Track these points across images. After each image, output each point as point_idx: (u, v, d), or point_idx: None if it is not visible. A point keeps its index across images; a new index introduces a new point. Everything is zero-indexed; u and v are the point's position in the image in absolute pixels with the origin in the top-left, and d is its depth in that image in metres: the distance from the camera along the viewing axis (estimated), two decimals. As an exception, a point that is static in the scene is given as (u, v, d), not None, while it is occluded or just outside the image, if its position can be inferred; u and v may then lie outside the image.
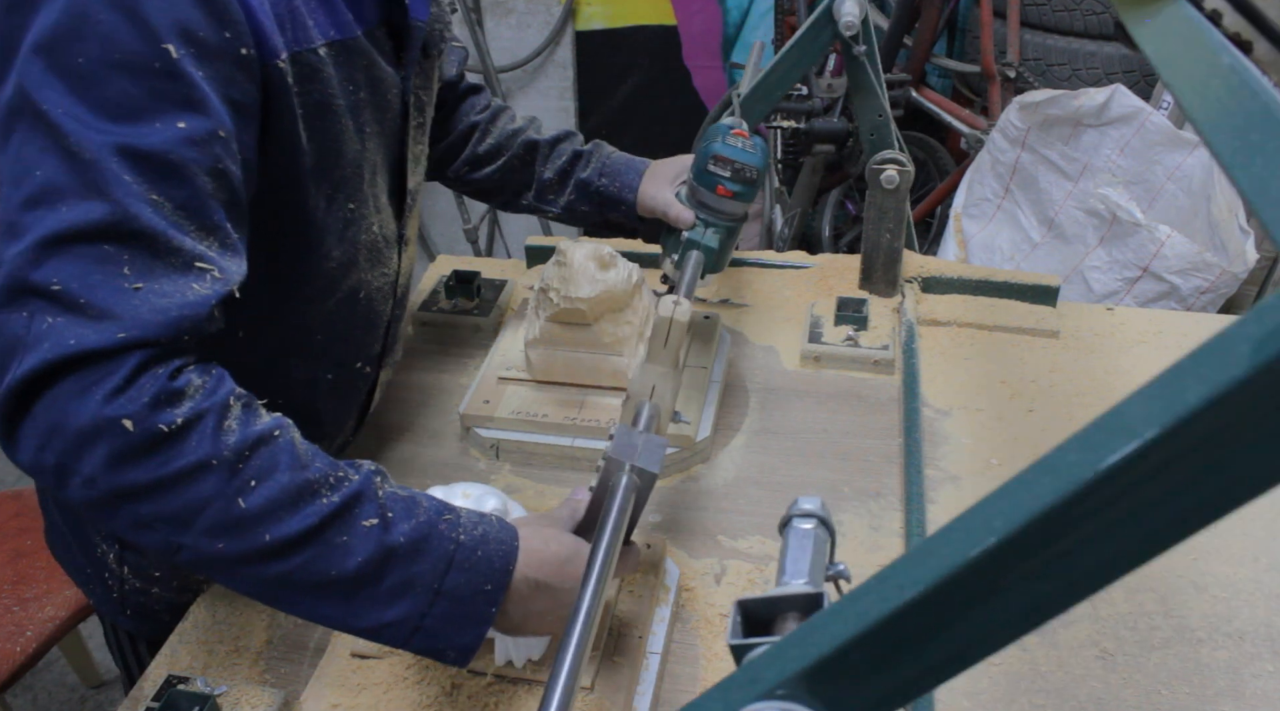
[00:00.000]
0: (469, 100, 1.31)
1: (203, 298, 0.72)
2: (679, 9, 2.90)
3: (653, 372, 0.96)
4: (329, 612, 0.75)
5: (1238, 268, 1.95)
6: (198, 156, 0.72)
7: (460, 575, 0.77)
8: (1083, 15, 2.35)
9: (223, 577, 0.75)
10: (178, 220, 0.71)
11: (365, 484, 0.77)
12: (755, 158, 1.14)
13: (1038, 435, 1.20)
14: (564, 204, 1.31)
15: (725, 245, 1.19)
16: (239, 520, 0.71)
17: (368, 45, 0.91)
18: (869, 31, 1.25)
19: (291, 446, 0.75)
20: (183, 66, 0.71)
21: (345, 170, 0.91)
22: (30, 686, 2.15)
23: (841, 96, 2.57)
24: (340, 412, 1.09)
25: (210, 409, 0.71)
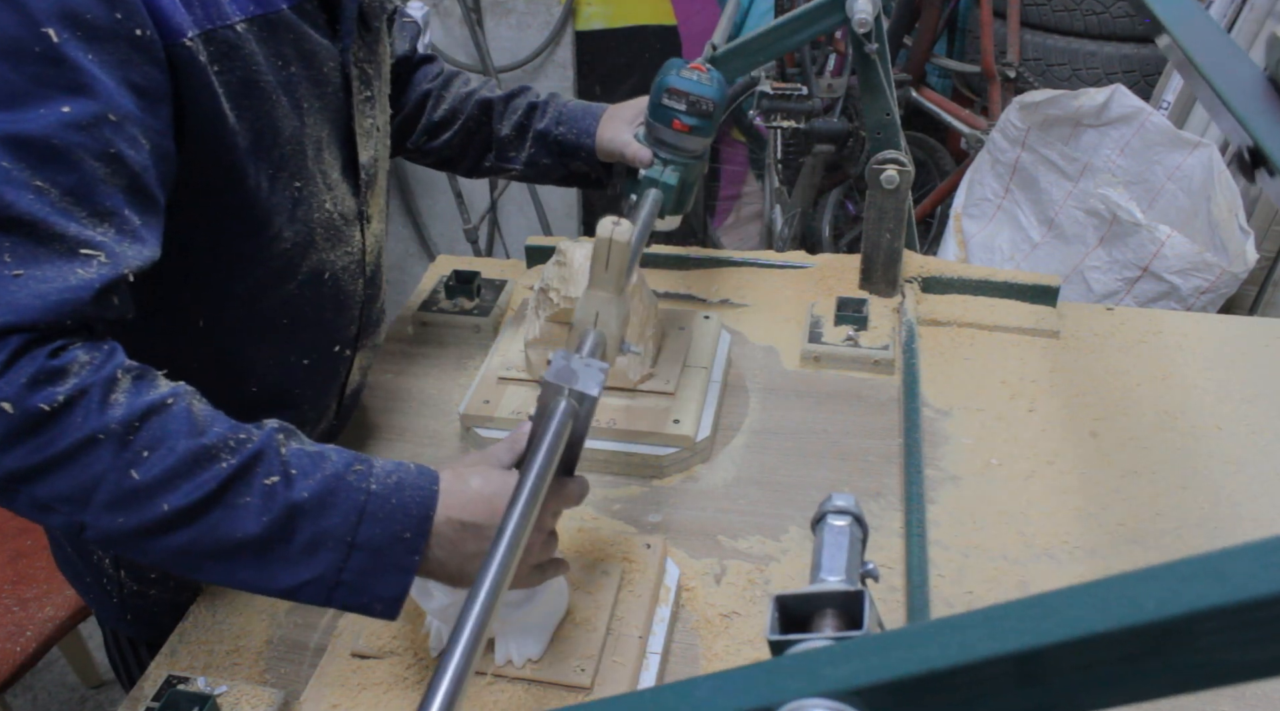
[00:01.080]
0: (421, 70, 1.29)
1: (86, 282, 0.70)
2: (679, 9, 2.89)
3: (595, 299, 0.91)
4: (245, 576, 0.74)
5: (1238, 268, 1.95)
6: (84, 140, 0.71)
7: (374, 525, 0.75)
8: (1083, 15, 2.35)
9: (132, 552, 0.74)
10: (65, 206, 0.70)
11: (266, 442, 0.75)
12: (711, 89, 1.11)
13: (1038, 435, 1.20)
14: (525, 158, 1.28)
15: (685, 182, 1.15)
16: (134, 492, 0.70)
17: (294, 19, 0.88)
18: (881, 30, 1.24)
19: (188, 413, 0.73)
20: (65, 50, 0.70)
21: (284, 148, 0.89)
22: (30, 686, 2.15)
23: (841, 96, 2.56)
24: (319, 397, 1.07)
25: (95, 383, 0.70)
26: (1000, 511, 1.10)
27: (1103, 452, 1.17)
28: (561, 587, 0.92)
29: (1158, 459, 1.16)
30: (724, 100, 1.13)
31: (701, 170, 1.18)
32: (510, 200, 3.14)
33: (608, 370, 0.81)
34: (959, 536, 1.07)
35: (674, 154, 1.14)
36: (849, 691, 0.39)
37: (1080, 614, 0.35)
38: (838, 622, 0.50)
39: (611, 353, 0.92)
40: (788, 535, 1.08)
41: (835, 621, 0.51)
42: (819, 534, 0.60)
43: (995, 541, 1.06)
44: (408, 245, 3.26)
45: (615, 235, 0.89)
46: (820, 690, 0.40)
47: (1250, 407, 1.23)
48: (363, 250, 1.05)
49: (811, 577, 0.57)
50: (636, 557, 0.99)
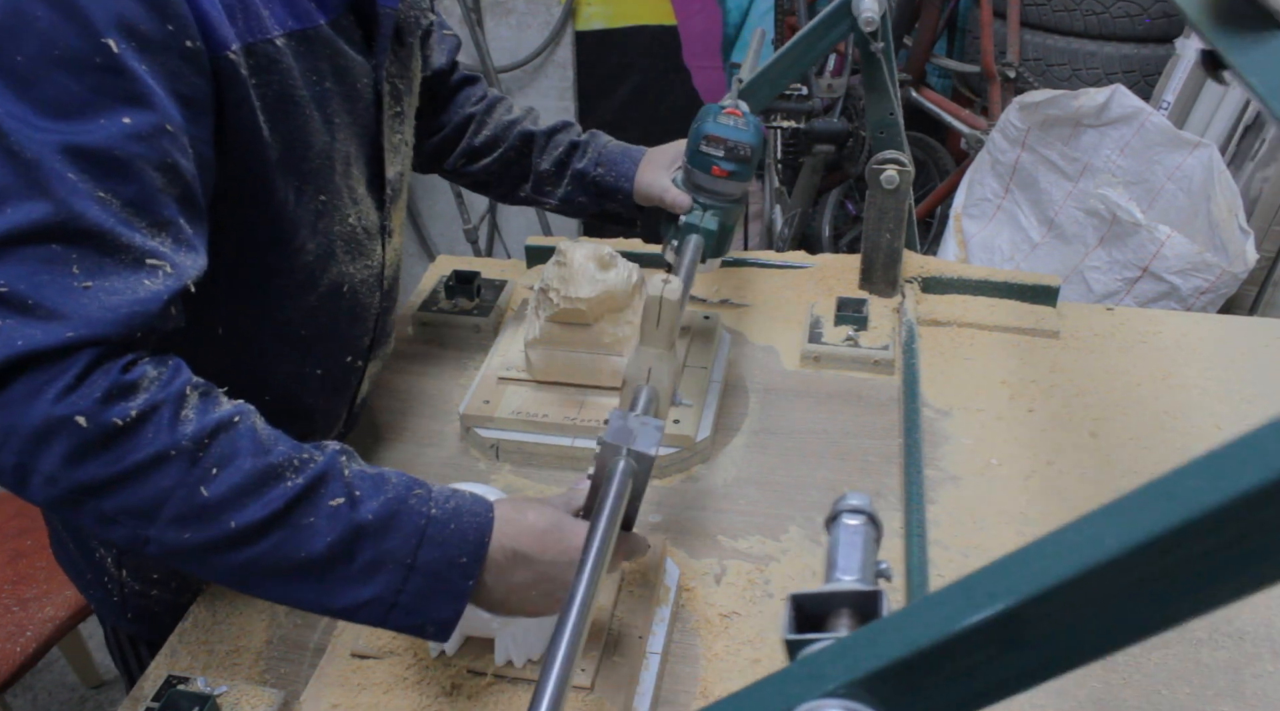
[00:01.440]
0: (464, 91, 1.30)
1: (154, 294, 0.71)
2: (679, 9, 2.89)
3: (647, 355, 0.94)
4: (304, 595, 0.75)
5: (1238, 268, 1.95)
6: (144, 151, 0.71)
7: (433, 549, 0.76)
8: (1083, 15, 2.35)
9: (193, 567, 0.74)
10: (127, 217, 0.71)
11: (330, 464, 0.76)
12: (748, 135, 1.12)
13: (1038, 435, 1.20)
14: (561, 195, 1.30)
15: (725, 226, 1.16)
16: (202, 509, 0.71)
17: (331, 34, 0.89)
18: (887, 29, 1.24)
19: (253, 432, 0.74)
20: (124, 61, 0.70)
21: (313, 162, 0.90)
22: (30, 686, 2.15)
23: (841, 97, 2.57)
24: (331, 407, 1.08)
25: (166, 400, 0.71)
26: (1000, 511, 1.10)
27: (1103, 452, 1.17)
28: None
29: (1158, 459, 1.16)
30: (760, 145, 1.14)
31: (740, 213, 1.19)
32: (510, 200, 3.14)
33: (663, 428, 0.84)
34: (959, 536, 1.07)
35: (713, 199, 1.16)
36: (851, 685, 0.40)
37: (1045, 564, 0.35)
38: (853, 622, 0.50)
39: (664, 408, 0.94)
40: (788, 535, 1.08)
41: (851, 620, 0.50)
42: (833, 532, 0.60)
43: (995, 541, 1.06)
44: (408, 245, 3.26)
45: (666, 293, 0.92)
46: (825, 690, 0.40)
47: (1250, 407, 1.23)
48: (383, 263, 1.05)
49: (826, 576, 0.57)
50: (639, 556, 0.99)
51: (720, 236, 1.16)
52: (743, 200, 1.18)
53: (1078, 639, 0.37)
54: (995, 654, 0.38)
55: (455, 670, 0.90)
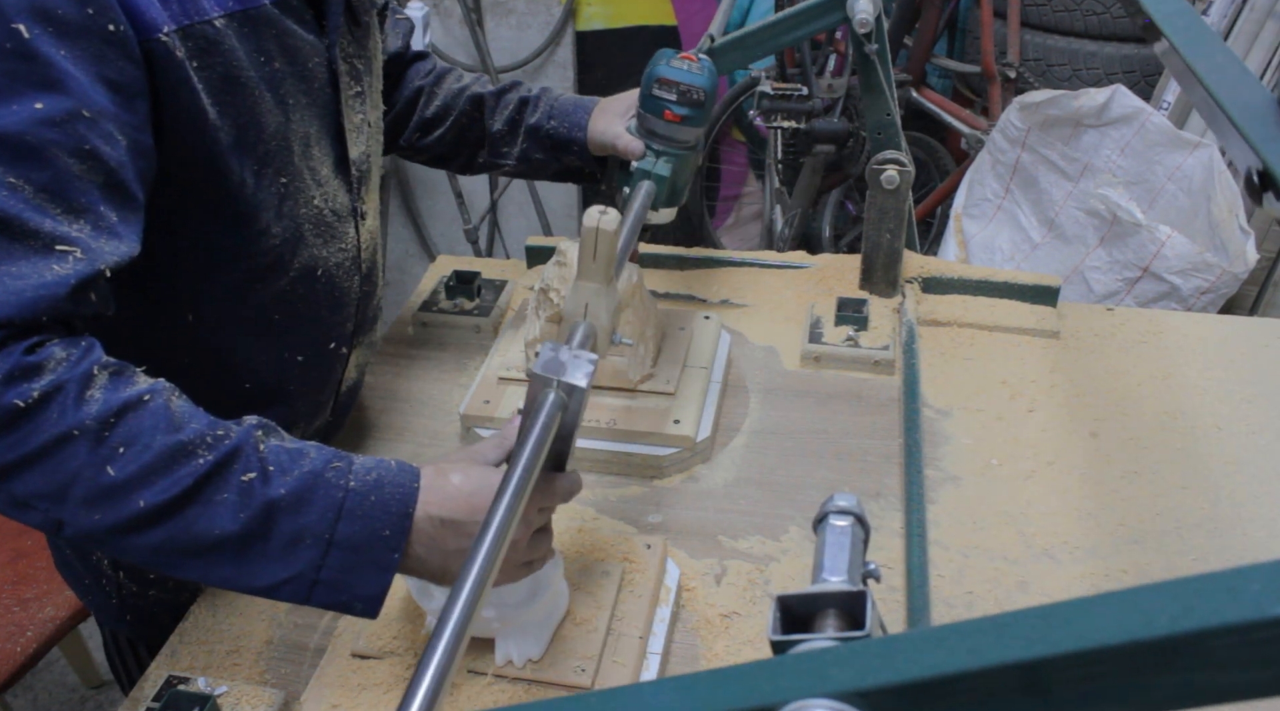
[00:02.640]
0: (414, 66, 1.28)
1: (61, 278, 0.70)
2: (679, 9, 2.89)
3: (585, 289, 0.91)
4: (224, 574, 0.74)
5: (1238, 268, 1.95)
6: (58, 137, 0.71)
7: (353, 522, 0.75)
8: (1083, 15, 2.35)
9: (110, 549, 0.74)
10: (39, 202, 0.70)
11: (244, 439, 0.75)
12: (702, 78, 1.10)
13: (1038, 435, 1.20)
14: (518, 154, 1.27)
15: (678, 174, 1.14)
16: (110, 488, 0.70)
17: (276, 14, 0.88)
18: (882, 30, 1.24)
19: (165, 409, 0.73)
20: (37, 46, 0.70)
21: (269, 143, 0.89)
22: (30, 686, 2.15)
23: (841, 97, 2.56)
24: (313, 394, 1.07)
25: (70, 379, 0.70)
26: (1000, 511, 1.10)
27: (1103, 452, 1.17)
28: (562, 588, 0.92)
29: (1158, 459, 1.16)
30: (715, 89, 1.12)
31: (696, 161, 1.17)
32: (510, 200, 3.14)
33: (597, 361, 0.80)
34: (959, 536, 1.07)
35: (666, 145, 1.13)
36: (853, 693, 0.39)
37: (1090, 625, 0.35)
38: (840, 623, 0.50)
39: (602, 344, 0.91)
40: (788, 535, 1.08)
41: (837, 622, 0.50)
42: (821, 534, 0.60)
43: (995, 541, 1.06)
44: (408, 245, 3.25)
45: (602, 224, 0.89)
46: (825, 691, 0.40)
47: (1250, 407, 1.23)
48: (358, 246, 1.04)
49: (813, 578, 0.57)
50: (636, 558, 0.99)
51: (674, 183, 1.14)
52: (697, 147, 1.16)
53: (1098, 702, 0.36)
54: (1012, 696, 0.37)
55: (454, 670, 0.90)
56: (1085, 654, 0.35)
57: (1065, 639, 0.35)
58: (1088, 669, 0.35)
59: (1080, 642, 0.35)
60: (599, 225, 0.89)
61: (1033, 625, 0.36)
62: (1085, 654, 0.35)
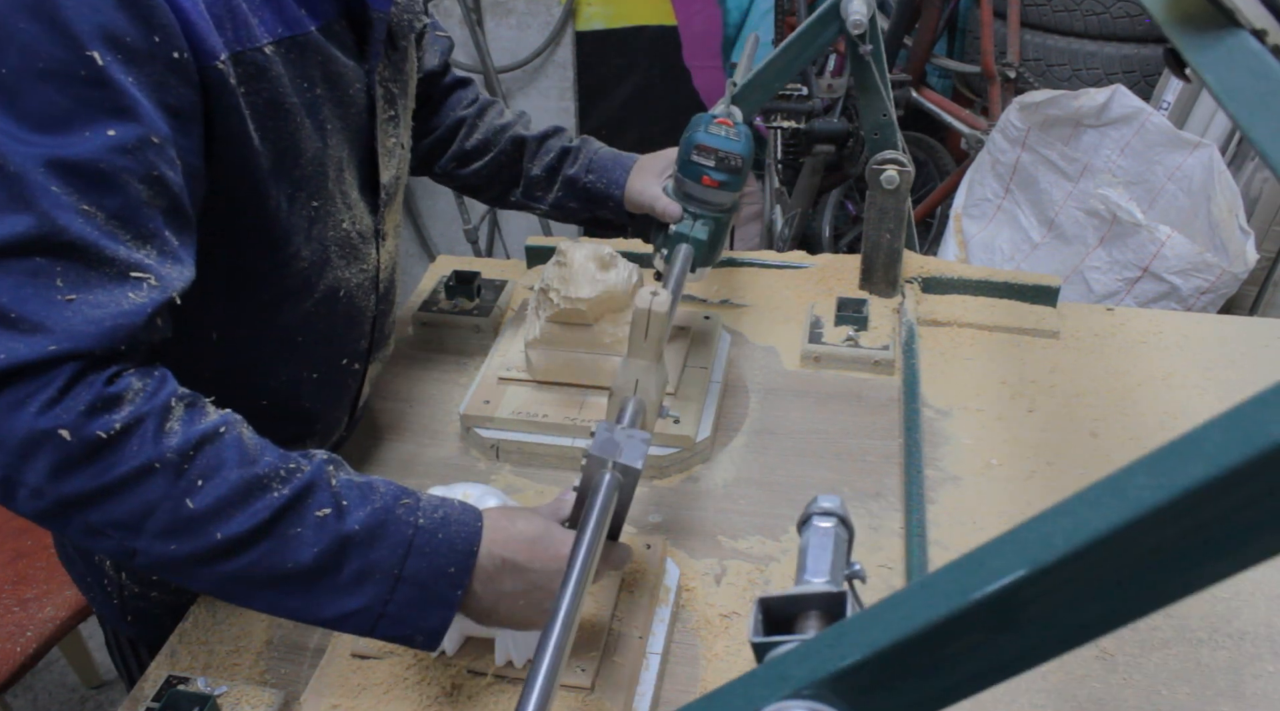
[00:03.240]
0: (456, 94, 1.29)
1: (139, 306, 0.71)
2: (679, 9, 2.89)
3: (635, 367, 0.94)
4: (292, 605, 0.75)
5: (1238, 268, 1.95)
6: (129, 164, 0.71)
7: (421, 559, 0.77)
8: (1083, 15, 2.35)
9: (180, 578, 0.74)
10: (111, 229, 0.70)
11: (317, 474, 0.76)
12: (739, 145, 1.12)
13: (1038, 435, 1.20)
14: (552, 201, 1.30)
15: (715, 236, 1.17)
16: (189, 521, 0.71)
17: (322, 40, 0.88)
18: (876, 31, 1.24)
19: (239, 442, 0.74)
20: (109, 73, 0.70)
21: (305, 169, 0.89)
22: (30, 686, 2.15)
23: (841, 97, 2.56)
24: (330, 410, 1.08)
25: (150, 412, 0.70)
26: (1000, 511, 1.10)
27: (1103, 452, 1.17)
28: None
29: (1158, 459, 1.16)
30: (751, 155, 1.15)
31: (730, 222, 1.20)
32: (510, 200, 3.14)
33: (650, 440, 0.84)
34: (959, 536, 1.07)
35: (703, 208, 1.16)
36: (816, 685, 0.40)
37: (1001, 562, 0.36)
38: (821, 623, 0.51)
39: (651, 420, 0.94)
40: (788, 535, 1.08)
41: (818, 622, 0.51)
42: (804, 535, 0.60)
43: (995, 541, 1.06)
44: (408, 245, 3.26)
45: (654, 306, 0.92)
46: (790, 690, 0.41)
47: (1250, 408, 1.23)
48: (377, 267, 1.05)
49: (796, 579, 0.57)
50: (636, 558, 0.99)
51: (710, 246, 1.17)
52: (733, 209, 1.18)
53: (1036, 635, 0.38)
54: (955, 652, 0.39)
55: (455, 670, 0.90)
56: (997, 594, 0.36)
57: (977, 583, 0.37)
58: (1011, 603, 0.36)
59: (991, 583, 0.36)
60: (651, 307, 0.92)
61: (950, 577, 0.38)
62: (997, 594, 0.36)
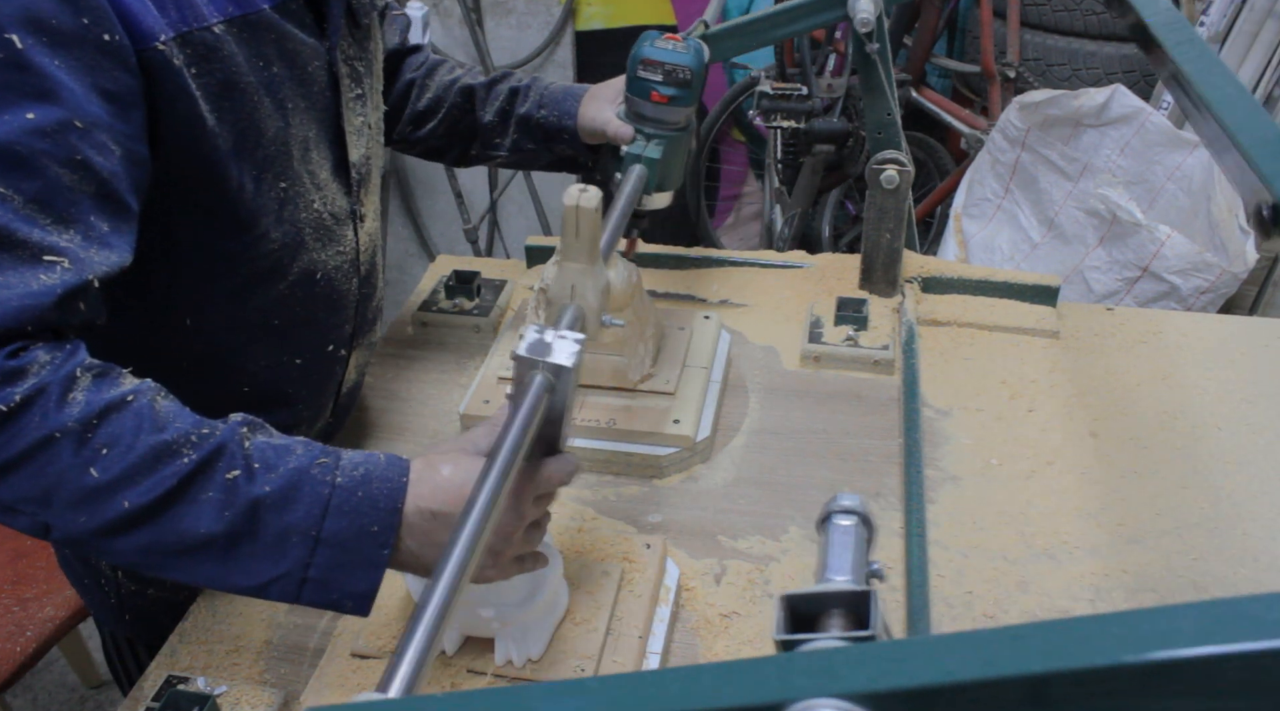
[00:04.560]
0: (406, 60, 1.28)
1: (47, 288, 0.70)
2: (679, 9, 2.89)
3: (569, 271, 0.88)
4: (211, 573, 0.74)
5: (1238, 268, 1.95)
6: (49, 147, 0.70)
7: (340, 519, 0.74)
8: (1083, 15, 2.35)
9: (99, 552, 0.73)
10: (29, 213, 0.70)
11: (228, 437, 0.74)
12: (687, 57, 1.08)
13: (1038, 435, 1.20)
14: (509, 144, 1.26)
15: (670, 156, 1.12)
16: (94, 490, 0.70)
17: (276, 18, 0.87)
18: (883, 30, 1.24)
19: (149, 409, 0.73)
20: (30, 56, 0.69)
21: (268, 148, 0.88)
22: (30, 686, 2.15)
23: (841, 96, 2.56)
24: (314, 397, 1.07)
25: (53, 382, 0.69)
26: (1000, 511, 1.10)
27: (1103, 452, 1.17)
28: (561, 587, 0.92)
29: (1158, 459, 1.16)
30: (702, 67, 1.10)
31: (688, 143, 1.15)
32: (510, 200, 3.14)
33: (584, 340, 0.78)
34: (959, 536, 1.07)
35: (656, 128, 1.12)
36: (862, 695, 0.39)
37: (1104, 643, 0.35)
38: (845, 623, 0.50)
39: (592, 325, 0.88)
40: (788, 535, 1.08)
41: (842, 621, 0.50)
42: (825, 533, 0.60)
43: (995, 541, 1.06)
44: (408, 245, 3.25)
45: (581, 202, 0.87)
46: (834, 691, 0.39)
47: (1250, 407, 1.23)
48: (356, 249, 1.04)
49: (818, 577, 0.57)
50: (636, 557, 0.99)
51: (665, 166, 1.12)
52: (688, 128, 1.14)
53: None
54: (1018, 708, 0.37)
55: (455, 670, 0.90)
56: (1095, 671, 0.34)
57: (1077, 654, 0.35)
58: (1098, 686, 0.35)
59: (1091, 659, 0.34)
60: (579, 203, 0.87)
61: (1047, 638, 0.36)
62: (1095, 671, 0.34)
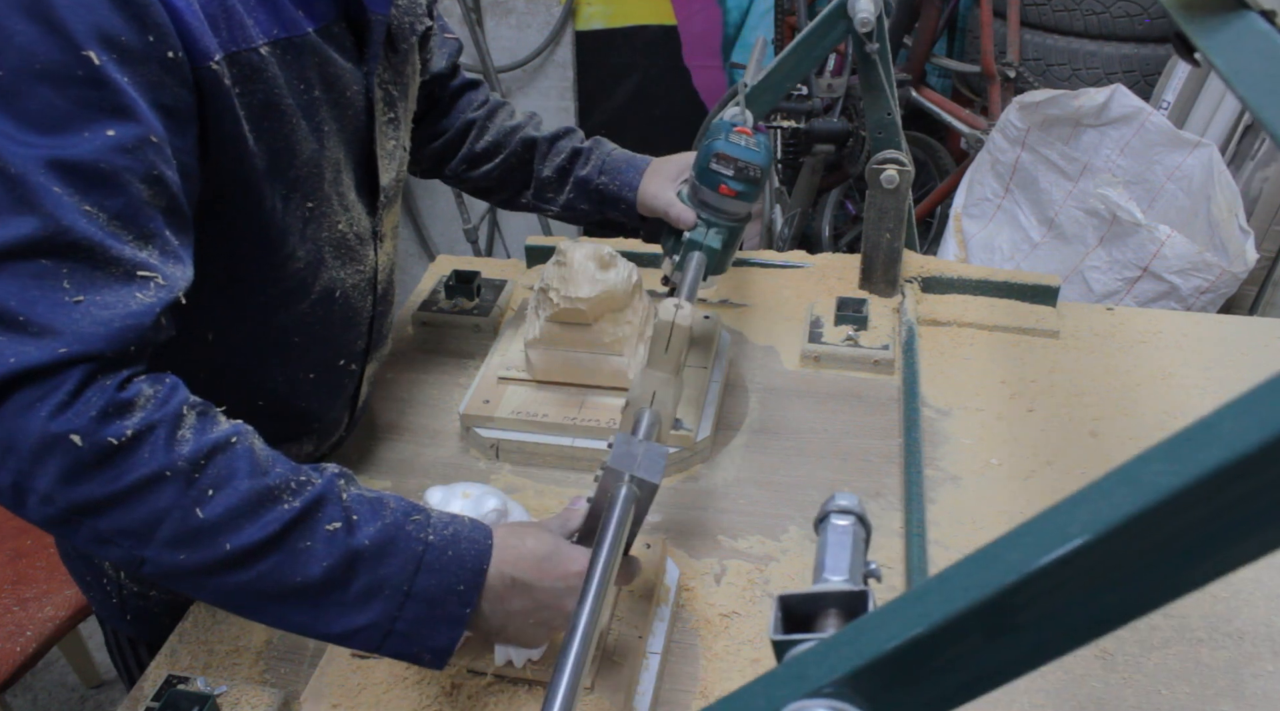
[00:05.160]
0: (466, 96, 1.29)
1: (147, 306, 0.70)
2: (679, 9, 2.90)
3: (653, 378, 0.94)
4: (298, 619, 0.75)
5: (1238, 268, 1.95)
6: (130, 163, 0.70)
7: (430, 576, 0.76)
8: (1083, 15, 2.35)
9: (188, 588, 0.74)
10: (115, 230, 0.70)
11: (328, 487, 0.76)
12: (759, 156, 1.12)
13: (1038, 435, 1.20)
14: (563, 202, 1.29)
15: (728, 246, 1.17)
16: (198, 531, 0.70)
17: (319, 42, 0.88)
18: (883, 30, 1.24)
19: (250, 453, 0.74)
20: (106, 72, 0.69)
21: (300, 170, 0.89)
22: (30, 686, 2.15)
23: (841, 96, 2.56)
24: (328, 411, 1.08)
25: (162, 419, 0.70)
26: (1000, 511, 1.10)
27: (1103, 452, 1.17)
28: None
29: (1158, 459, 1.16)
30: (769, 166, 1.14)
31: (742, 232, 1.19)
32: (510, 200, 3.14)
33: (667, 455, 0.84)
34: (959, 536, 1.07)
35: (718, 217, 1.15)
36: (837, 683, 0.40)
37: (1020, 555, 0.36)
38: (841, 623, 0.50)
39: (665, 432, 0.94)
40: (788, 535, 1.08)
41: (839, 621, 0.50)
42: (822, 533, 0.60)
43: (995, 541, 1.06)
44: (408, 245, 3.26)
45: (678, 319, 0.92)
46: (811, 689, 0.40)
47: (1250, 407, 1.23)
48: (375, 268, 1.05)
49: (814, 577, 0.57)
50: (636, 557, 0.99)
51: (723, 255, 1.16)
52: (748, 219, 1.17)
53: (1058, 626, 0.38)
54: (976, 645, 0.38)
55: (455, 670, 0.90)
56: (1022, 582, 0.36)
57: (996, 576, 0.36)
58: (1030, 595, 0.36)
59: (1016, 572, 0.36)
60: (675, 320, 0.92)
61: (969, 571, 0.38)
62: (1022, 582, 0.36)
